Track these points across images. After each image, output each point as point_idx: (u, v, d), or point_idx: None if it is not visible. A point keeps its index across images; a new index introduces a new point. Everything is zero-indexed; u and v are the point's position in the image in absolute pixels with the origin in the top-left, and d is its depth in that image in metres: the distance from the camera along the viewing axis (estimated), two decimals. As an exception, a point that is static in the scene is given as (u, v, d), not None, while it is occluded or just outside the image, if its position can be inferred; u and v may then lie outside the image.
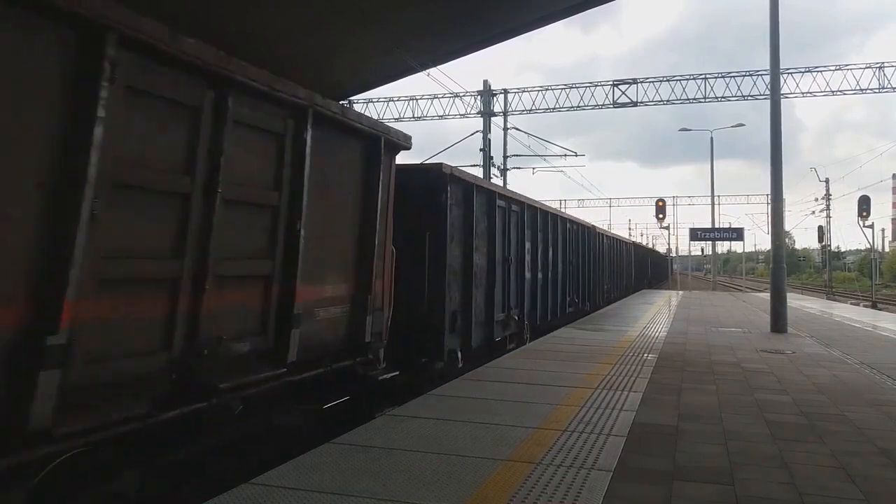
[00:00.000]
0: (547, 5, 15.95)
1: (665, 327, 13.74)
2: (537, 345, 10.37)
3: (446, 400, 6.13)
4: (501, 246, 10.20)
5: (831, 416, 5.92)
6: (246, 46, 13.73)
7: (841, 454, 4.70)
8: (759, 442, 4.97)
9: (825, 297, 36.86)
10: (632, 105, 29.97)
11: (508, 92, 31.14)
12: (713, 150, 39.10)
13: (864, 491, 3.93)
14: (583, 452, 4.53)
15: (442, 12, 14.63)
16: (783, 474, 4.22)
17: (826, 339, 12.00)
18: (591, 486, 3.86)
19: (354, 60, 16.97)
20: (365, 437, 4.80)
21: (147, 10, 3.72)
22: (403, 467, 4.13)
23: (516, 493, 3.74)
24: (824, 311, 20.37)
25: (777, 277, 13.81)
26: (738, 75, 29.34)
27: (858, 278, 60.61)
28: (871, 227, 36.95)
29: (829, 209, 48.54)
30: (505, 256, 10.40)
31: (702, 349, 10.39)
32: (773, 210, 14.30)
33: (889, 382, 7.66)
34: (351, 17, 13.45)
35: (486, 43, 18.07)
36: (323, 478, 3.90)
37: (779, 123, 13.64)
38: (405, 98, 32.01)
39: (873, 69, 27.66)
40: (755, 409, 6.11)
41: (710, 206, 39.38)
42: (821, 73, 28.27)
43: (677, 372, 8.03)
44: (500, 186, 13.62)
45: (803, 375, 8.05)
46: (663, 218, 40.10)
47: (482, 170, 28.71)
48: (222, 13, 12.67)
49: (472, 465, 4.21)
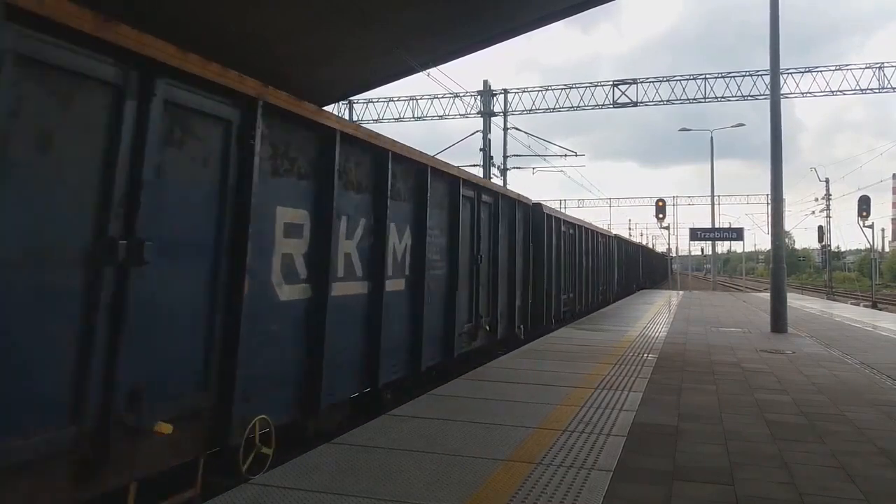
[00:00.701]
0: (547, 5, 15.96)
1: (665, 327, 13.74)
2: (537, 345, 10.37)
3: (446, 400, 6.13)
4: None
5: (831, 416, 5.92)
6: (246, 46, 13.76)
7: (841, 454, 4.70)
8: (759, 442, 4.98)
9: (825, 297, 36.87)
10: (632, 105, 29.99)
11: (508, 92, 31.17)
12: (713, 150, 39.19)
13: (864, 491, 3.94)
14: (583, 452, 4.53)
15: (442, 12, 14.64)
16: (783, 474, 4.22)
17: (826, 339, 12.01)
18: (592, 487, 3.86)
19: (354, 60, 16.98)
20: (365, 437, 4.80)
21: (148, 12, 3.72)
22: (403, 467, 4.14)
23: (516, 493, 3.74)
24: (824, 311, 20.38)
25: (777, 277, 13.81)
26: (738, 75, 29.38)
27: (858, 278, 60.63)
28: (871, 227, 36.91)
29: (829, 209, 48.60)
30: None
31: (702, 349, 10.39)
32: (773, 210, 14.31)
33: (889, 382, 7.67)
34: (351, 17, 13.45)
35: (486, 43, 18.08)
36: (323, 478, 3.91)
37: (779, 123, 13.64)
38: (405, 98, 32.06)
39: (873, 69, 27.71)
40: (755, 409, 6.11)
41: (710, 206, 39.48)
42: (821, 73, 28.31)
43: (677, 372, 8.03)
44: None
45: (803, 375, 8.05)
46: (663, 218, 40.04)
47: (482, 170, 28.73)
48: (222, 13, 12.68)
49: (472, 465, 4.21)
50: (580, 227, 18.00)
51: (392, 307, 6.47)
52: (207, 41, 12.09)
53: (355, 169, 5.97)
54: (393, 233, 6.61)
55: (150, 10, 10.43)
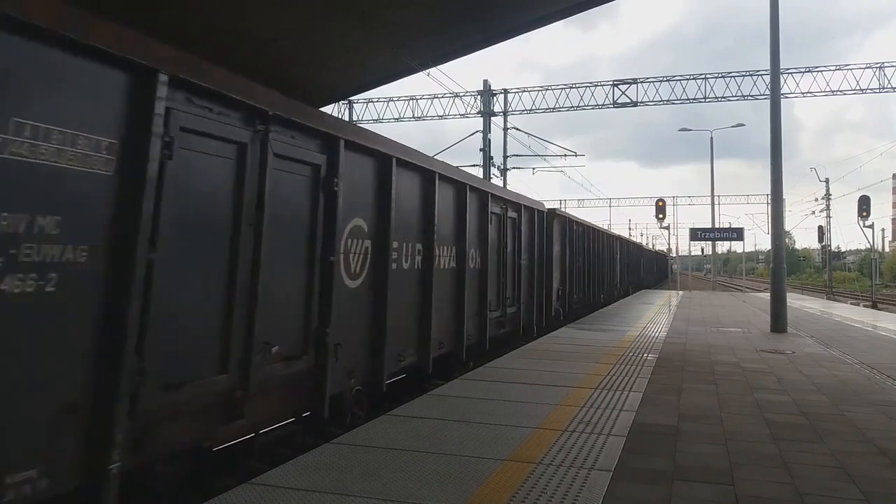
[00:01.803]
0: (547, 5, 15.98)
1: (665, 327, 13.74)
2: (537, 345, 10.37)
3: (446, 400, 6.14)
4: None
5: (831, 416, 5.92)
6: (246, 46, 13.77)
7: (841, 454, 4.70)
8: (759, 442, 4.98)
9: (825, 297, 36.88)
10: (632, 105, 29.98)
11: (508, 92, 31.16)
12: (713, 150, 39.20)
13: (864, 491, 3.94)
14: (583, 452, 4.53)
15: (442, 12, 14.65)
16: (783, 474, 4.22)
17: (826, 340, 12.01)
18: (592, 487, 3.86)
19: (354, 61, 16.99)
20: (365, 437, 4.80)
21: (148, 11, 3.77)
22: (403, 467, 4.14)
23: (516, 493, 3.74)
24: (824, 311, 20.38)
25: (777, 277, 13.82)
26: (738, 75, 29.35)
27: (858, 278, 60.65)
28: (871, 227, 36.97)
29: (829, 209, 48.60)
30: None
31: (702, 349, 10.39)
32: (773, 210, 14.31)
33: (889, 382, 7.67)
34: (351, 18, 13.46)
35: (486, 43, 18.09)
36: (323, 478, 3.91)
37: (779, 123, 13.64)
38: (405, 98, 32.05)
39: (873, 69, 27.69)
40: (755, 409, 6.11)
41: (710, 206, 39.49)
42: (821, 73, 28.29)
43: (677, 372, 8.03)
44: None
45: (803, 375, 8.05)
46: (663, 218, 40.06)
47: (482, 170, 28.73)
48: (222, 14, 12.68)
49: (472, 465, 4.21)
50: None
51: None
52: (208, 41, 12.10)
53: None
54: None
55: (150, 10, 10.45)
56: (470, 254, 9.12)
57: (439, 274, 8.00)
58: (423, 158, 7.71)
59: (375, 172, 6.52)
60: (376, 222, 6.49)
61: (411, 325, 7.39)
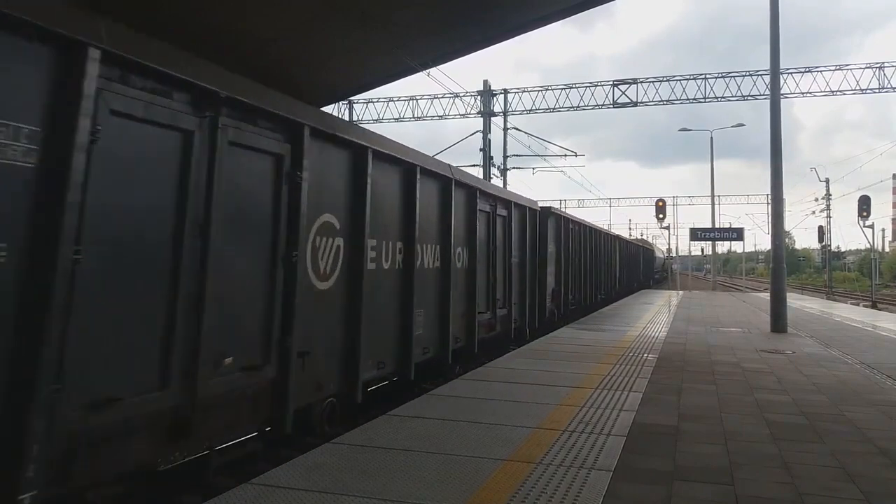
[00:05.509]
0: (546, 5, 15.96)
1: (665, 327, 13.74)
2: (537, 345, 10.37)
3: (446, 400, 6.14)
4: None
5: (831, 416, 5.92)
6: (246, 46, 13.77)
7: (841, 454, 4.70)
8: (759, 442, 4.97)
9: (825, 297, 36.86)
10: (632, 105, 29.97)
11: (508, 92, 31.16)
12: (713, 150, 39.18)
13: (864, 491, 3.94)
14: (583, 452, 4.53)
15: (442, 12, 14.64)
16: (783, 474, 4.22)
17: (826, 340, 12.01)
18: (592, 486, 3.86)
19: (354, 61, 16.98)
20: (365, 437, 4.80)
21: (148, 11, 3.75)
22: (403, 467, 4.13)
23: (516, 492, 3.74)
24: (824, 312, 20.37)
25: (777, 277, 13.81)
26: (737, 75, 29.35)
27: (858, 278, 60.62)
28: (871, 227, 36.94)
29: (829, 209, 48.58)
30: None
31: (702, 349, 10.39)
32: (773, 210, 14.31)
33: (889, 382, 7.66)
34: (351, 18, 13.45)
35: (486, 43, 18.08)
36: (323, 478, 3.90)
37: (779, 123, 13.64)
38: (405, 98, 32.05)
39: (873, 69, 27.67)
40: (755, 409, 6.11)
41: (710, 206, 39.46)
42: (821, 73, 28.28)
43: (677, 372, 8.03)
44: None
45: (803, 375, 8.05)
46: (663, 218, 40.04)
47: (482, 170, 28.72)
48: (222, 14, 12.67)
49: (472, 464, 4.21)
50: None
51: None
52: (208, 41, 12.10)
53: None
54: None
55: (149, 10, 10.45)
56: (456, 252, 8.69)
57: (422, 274, 7.53)
58: (402, 150, 7.20)
59: (349, 165, 6.05)
60: (350, 219, 6.02)
61: (392, 329, 6.92)
